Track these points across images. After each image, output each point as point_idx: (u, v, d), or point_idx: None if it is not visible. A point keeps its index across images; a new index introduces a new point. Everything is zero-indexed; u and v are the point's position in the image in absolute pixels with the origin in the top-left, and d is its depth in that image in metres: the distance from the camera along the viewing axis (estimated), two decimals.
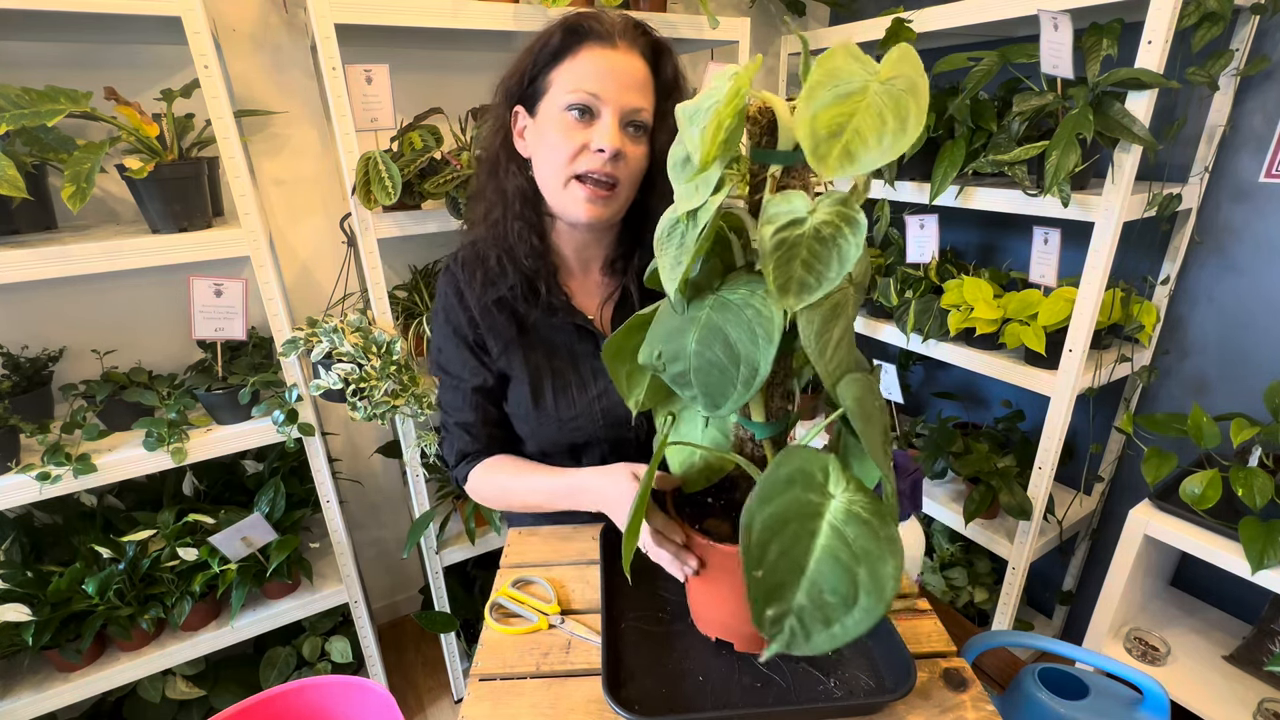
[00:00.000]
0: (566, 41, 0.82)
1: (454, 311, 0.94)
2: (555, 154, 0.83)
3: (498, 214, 0.90)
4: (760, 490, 0.47)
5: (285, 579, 1.45)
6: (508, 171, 0.89)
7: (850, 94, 0.44)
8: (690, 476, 0.70)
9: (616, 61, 0.81)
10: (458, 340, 0.94)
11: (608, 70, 0.80)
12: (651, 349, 0.57)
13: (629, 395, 0.68)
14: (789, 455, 0.50)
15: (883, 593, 0.44)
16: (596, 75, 0.80)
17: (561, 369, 0.94)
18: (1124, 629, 1.41)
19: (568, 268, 0.96)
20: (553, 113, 0.82)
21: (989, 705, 0.64)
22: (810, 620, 0.44)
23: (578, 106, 0.81)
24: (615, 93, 0.80)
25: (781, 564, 0.45)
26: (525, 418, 0.95)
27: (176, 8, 1.04)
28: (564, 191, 0.84)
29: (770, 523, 0.46)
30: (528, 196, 0.89)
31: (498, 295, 0.90)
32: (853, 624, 0.44)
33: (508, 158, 0.89)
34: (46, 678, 1.27)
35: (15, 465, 1.15)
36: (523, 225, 0.89)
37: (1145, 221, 1.32)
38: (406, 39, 1.45)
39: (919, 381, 2.10)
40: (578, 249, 0.95)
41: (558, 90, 0.82)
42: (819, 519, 0.47)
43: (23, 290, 1.31)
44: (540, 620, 0.74)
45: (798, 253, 0.46)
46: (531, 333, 0.93)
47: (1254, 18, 1.20)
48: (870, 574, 0.45)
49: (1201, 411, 1.24)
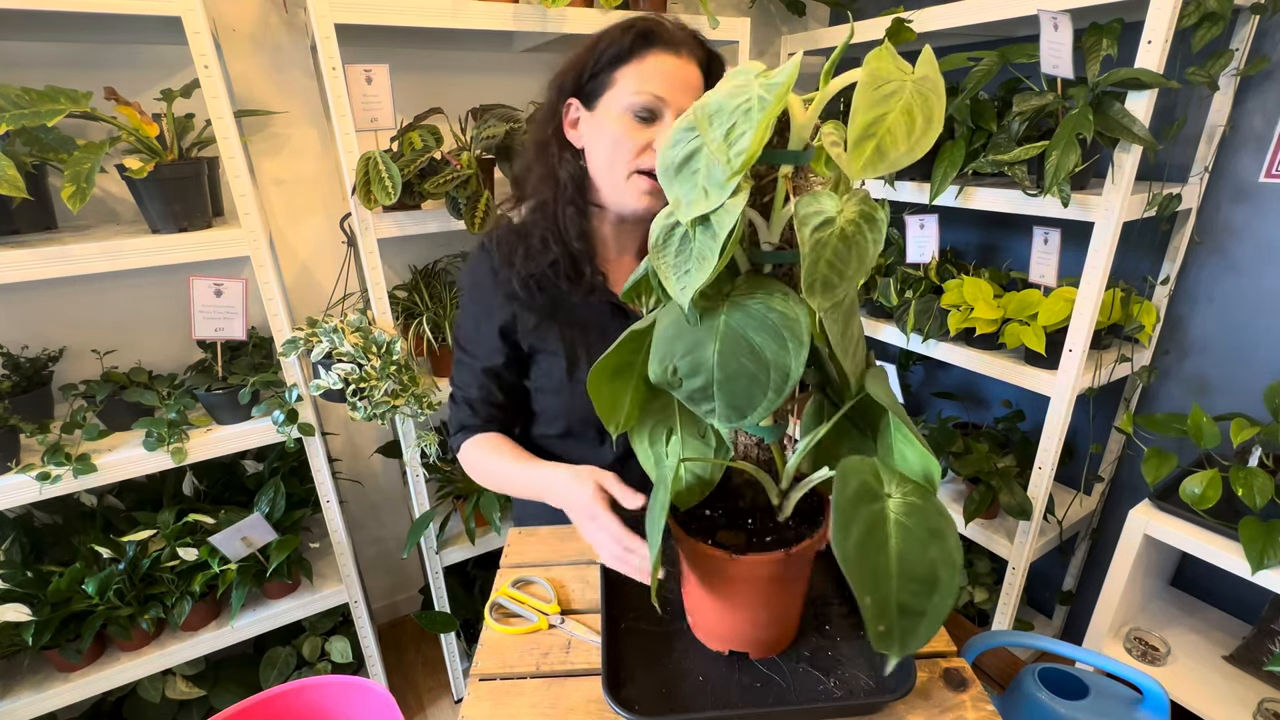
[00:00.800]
0: (637, 44, 0.86)
1: (485, 290, 0.97)
2: (618, 149, 0.87)
3: (547, 196, 0.93)
4: (838, 518, 0.48)
5: (285, 579, 1.45)
6: (561, 159, 0.93)
7: (890, 95, 0.44)
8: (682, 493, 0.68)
9: (681, 68, 0.86)
10: (483, 318, 0.97)
11: (674, 77, 0.86)
12: (664, 365, 0.54)
13: (609, 418, 0.67)
14: (846, 473, 0.50)
15: (954, 561, 0.47)
16: (664, 80, 0.85)
17: (596, 344, 0.97)
18: (1124, 629, 1.41)
19: (605, 252, 1.00)
20: (614, 110, 0.86)
21: (989, 705, 0.64)
22: (910, 617, 0.46)
23: (643, 109, 0.85)
24: (678, 97, 0.86)
25: (878, 579, 0.46)
26: (558, 390, 0.98)
27: (176, 8, 1.04)
28: (626, 184, 0.89)
29: (859, 545, 0.47)
30: (579, 184, 0.93)
31: (537, 270, 0.93)
32: (941, 601, 0.47)
33: (560, 146, 0.93)
34: (46, 678, 1.27)
35: (15, 465, 1.15)
36: (574, 210, 0.93)
37: (1145, 221, 1.32)
38: (406, 39, 1.45)
39: (919, 381, 2.10)
40: (617, 236, 0.99)
41: (622, 90, 0.86)
42: (887, 523, 0.48)
43: (23, 290, 1.31)
44: (540, 620, 0.74)
45: (823, 253, 0.46)
46: (568, 310, 0.96)
47: (1254, 18, 1.20)
48: (940, 549, 0.48)
49: (1201, 411, 1.24)
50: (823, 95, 0.49)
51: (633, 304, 0.66)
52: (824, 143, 0.49)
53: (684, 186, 0.50)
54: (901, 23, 1.47)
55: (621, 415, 0.67)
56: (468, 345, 1.00)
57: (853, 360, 0.52)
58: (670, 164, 0.51)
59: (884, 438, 0.60)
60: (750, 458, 0.65)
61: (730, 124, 0.47)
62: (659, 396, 0.68)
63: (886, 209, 0.51)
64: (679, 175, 0.50)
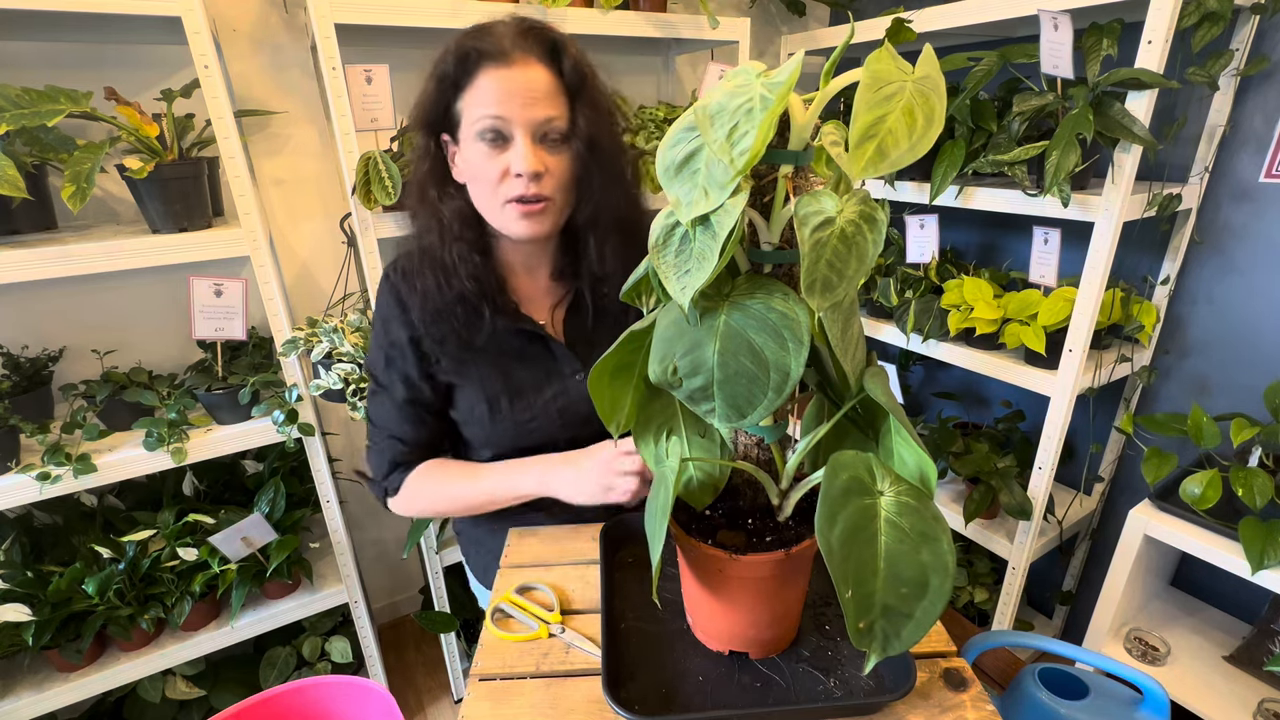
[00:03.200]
0: (461, 70, 0.80)
1: (394, 324, 0.93)
2: (484, 182, 0.83)
3: (432, 239, 0.89)
4: (824, 509, 0.47)
5: (285, 579, 1.45)
6: (441, 197, 0.88)
7: (891, 95, 0.44)
8: (692, 494, 0.68)
9: (515, 79, 0.79)
10: (397, 351, 0.93)
11: (507, 91, 0.79)
12: (664, 365, 0.54)
13: (610, 418, 0.67)
14: (837, 466, 0.50)
15: (946, 568, 0.46)
16: (497, 98, 0.79)
17: (514, 374, 0.94)
18: (1124, 629, 1.41)
19: (515, 275, 0.96)
20: (470, 142, 0.82)
21: (989, 705, 0.64)
22: (895, 618, 0.46)
23: (488, 134, 0.80)
24: (520, 111, 0.79)
25: (861, 575, 0.46)
26: (480, 423, 0.95)
27: (176, 8, 1.04)
28: (501, 213, 0.84)
29: (844, 538, 0.47)
30: (467, 218, 0.88)
31: (437, 309, 0.90)
32: (930, 606, 0.46)
33: (439, 184, 0.88)
34: (46, 678, 1.27)
35: (15, 465, 1.15)
36: (463, 246, 0.87)
37: (1145, 221, 1.32)
38: (406, 39, 1.45)
39: (919, 381, 2.10)
40: (524, 258, 0.95)
41: (467, 120, 0.81)
42: (877, 519, 0.48)
43: (23, 290, 1.31)
44: (541, 629, 0.74)
45: (823, 253, 0.46)
46: (479, 342, 0.92)
47: (1254, 18, 1.20)
48: (932, 554, 0.47)
49: (1201, 411, 1.24)
50: (823, 95, 0.49)
51: (633, 303, 0.65)
52: (824, 143, 0.49)
53: (684, 186, 0.50)
54: (901, 23, 1.46)
55: (622, 415, 0.67)
56: (385, 380, 0.95)
57: (853, 360, 0.52)
58: (670, 164, 0.51)
59: (885, 439, 0.60)
60: (750, 458, 0.65)
61: (732, 124, 0.46)
62: (660, 396, 0.68)
63: (886, 209, 0.51)
64: (679, 175, 0.50)
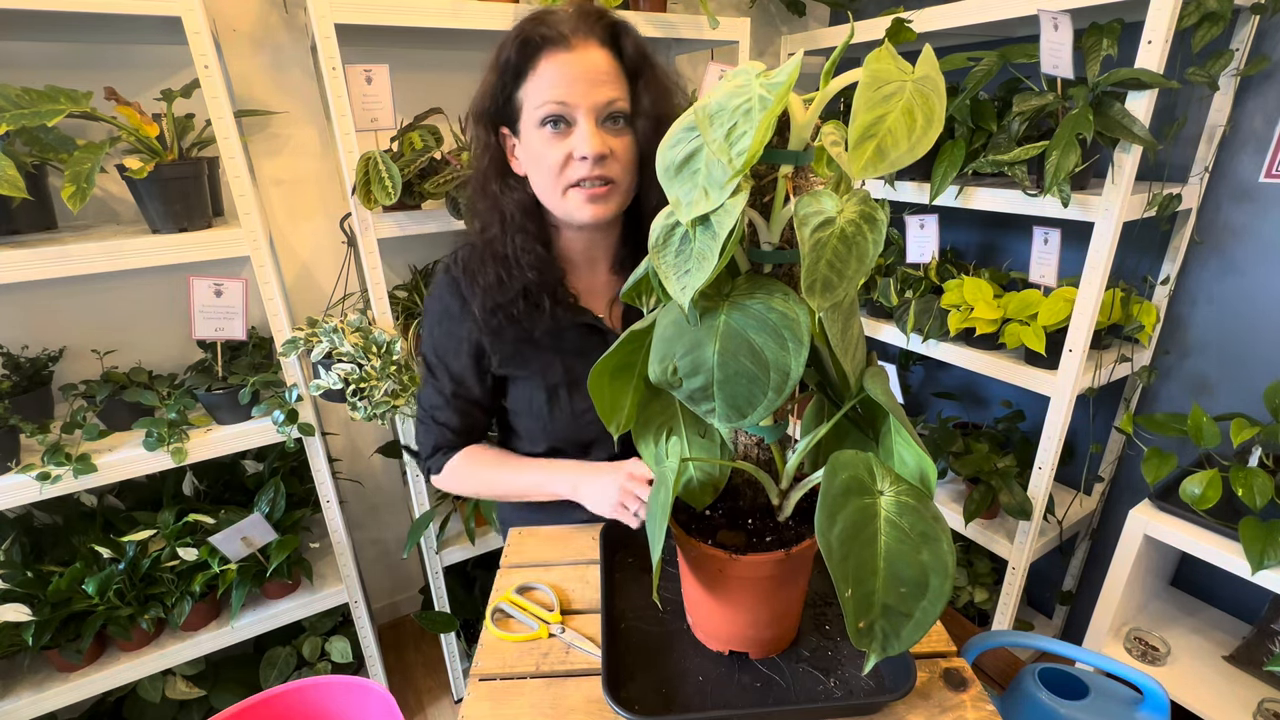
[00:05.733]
0: (522, 56, 0.81)
1: (453, 318, 0.94)
2: (546, 170, 0.83)
3: (495, 231, 0.90)
4: (824, 509, 0.47)
5: (285, 579, 1.45)
6: (503, 190, 0.89)
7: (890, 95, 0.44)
8: (693, 493, 0.68)
9: (577, 62, 0.79)
10: (454, 346, 0.95)
11: (570, 75, 0.79)
12: (664, 365, 0.54)
13: (610, 418, 0.67)
14: (837, 465, 0.50)
15: (946, 568, 0.46)
16: (561, 83, 0.79)
17: (573, 367, 0.95)
18: (1124, 629, 1.41)
19: (575, 269, 0.97)
20: (531, 130, 0.83)
21: (989, 705, 0.64)
22: (895, 618, 0.46)
23: (551, 119, 0.80)
24: (583, 94, 0.79)
25: (861, 574, 0.46)
26: (538, 415, 0.97)
27: (176, 8, 1.04)
28: (564, 200, 0.85)
29: (843, 538, 0.47)
30: (529, 210, 0.90)
31: (498, 303, 0.91)
32: (930, 606, 0.46)
33: (499, 177, 0.89)
34: (46, 678, 1.27)
35: (15, 465, 1.15)
36: (525, 238, 0.89)
37: (1145, 221, 1.32)
38: (406, 39, 1.45)
39: (919, 381, 2.10)
40: (584, 249, 0.96)
41: (529, 107, 0.82)
42: (877, 519, 0.48)
43: (23, 290, 1.31)
44: (541, 629, 0.74)
45: (823, 253, 0.46)
46: (539, 334, 0.94)
47: (1254, 18, 1.20)
48: (932, 554, 0.47)
49: (1201, 411, 1.24)
50: (823, 95, 0.49)
51: (634, 303, 0.66)
52: (824, 143, 0.49)
53: (684, 186, 0.50)
54: (901, 23, 1.47)
55: (622, 415, 0.67)
56: (437, 371, 0.97)
57: (853, 360, 0.52)
58: (670, 164, 0.51)
59: (885, 439, 0.60)
60: (750, 458, 0.65)
61: (731, 124, 0.46)
62: (660, 396, 0.68)
63: (886, 209, 0.51)
64: (679, 175, 0.50)
